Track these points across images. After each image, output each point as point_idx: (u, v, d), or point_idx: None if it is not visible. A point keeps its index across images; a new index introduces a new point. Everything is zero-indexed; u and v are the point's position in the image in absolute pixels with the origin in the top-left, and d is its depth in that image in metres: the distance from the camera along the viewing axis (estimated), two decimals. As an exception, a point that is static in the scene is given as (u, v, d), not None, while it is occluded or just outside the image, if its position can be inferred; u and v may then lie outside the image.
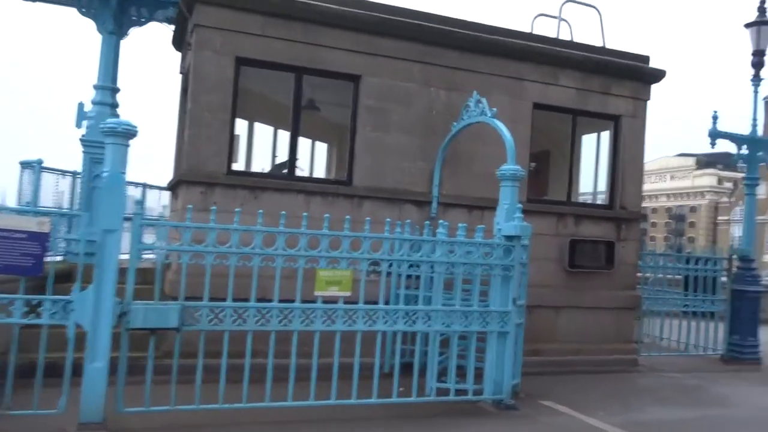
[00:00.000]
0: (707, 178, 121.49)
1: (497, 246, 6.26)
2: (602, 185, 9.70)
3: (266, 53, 7.42)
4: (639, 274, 9.86)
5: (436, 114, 8.22)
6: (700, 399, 7.56)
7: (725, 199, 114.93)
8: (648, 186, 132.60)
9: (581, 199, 10.29)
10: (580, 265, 8.84)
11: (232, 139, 7.35)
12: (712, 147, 10.25)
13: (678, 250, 9.92)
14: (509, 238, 6.29)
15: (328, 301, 5.63)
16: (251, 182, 7.35)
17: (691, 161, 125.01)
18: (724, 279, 10.43)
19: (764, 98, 10.40)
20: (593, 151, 9.91)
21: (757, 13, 10.66)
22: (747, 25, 10.71)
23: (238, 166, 7.73)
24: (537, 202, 8.87)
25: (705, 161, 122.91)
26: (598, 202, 9.70)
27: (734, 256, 10.44)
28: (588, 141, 10.16)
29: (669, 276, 10.38)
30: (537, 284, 8.46)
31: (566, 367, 8.60)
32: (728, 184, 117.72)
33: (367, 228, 5.87)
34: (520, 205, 6.36)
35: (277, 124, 9.46)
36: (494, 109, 7.03)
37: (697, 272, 10.21)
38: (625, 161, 9.32)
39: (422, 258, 5.96)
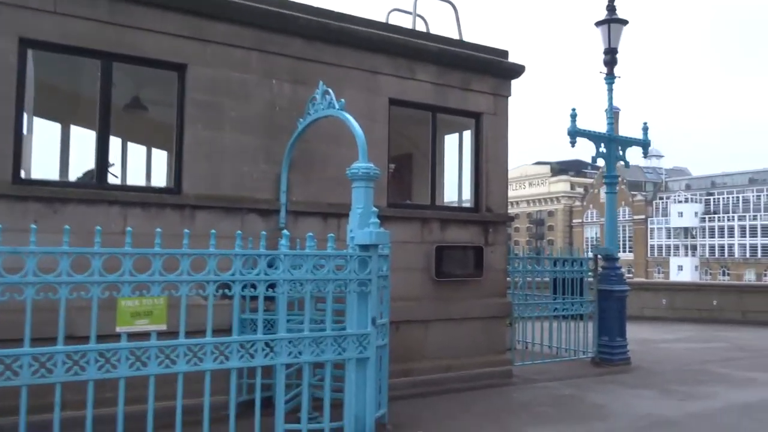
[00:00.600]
0: (561, 184, 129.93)
1: (351, 258, 5.31)
2: (467, 188, 9.11)
3: (62, 35, 6.01)
4: (508, 279, 9.38)
5: (281, 110, 7.18)
6: (577, 412, 7.03)
7: (578, 203, 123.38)
8: (510, 193, 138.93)
9: (447, 203, 9.66)
10: (448, 274, 8.14)
11: (19, 139, 5.85)
12: (572, 146, 10.04)
13: (538, 253, 9.51)
14: (364, 247, 5.36)
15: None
16: (48, 192, 5.89)
17: (547, 169, 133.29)
18: (591, 279, 10.22)
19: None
20: (456, 152, 9.33)
21: (606, 12, 10.65)
22: (597, 24, 10.68)
23: (32, 173, 6.22)
24: (399, 207, 8.08)
25: (558, 168, 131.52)
26: (465, 205, 9.09)
27: (599, 256, 10.26)
28: (451, 141, 9.58)
29: (537, 279, 10.02)
30: (403, 297, 7.67)
31: (438, 386, 7.83)
32: (580, 189, 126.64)
33: (185, 243, 4.69)
34: (375, 209, 5.46)
35: (86, 123, 7.98)
36: (342, 100, 6.10)
37: (564, 274, 9.91)
38: (489, 161, 8.79)
39: (259, 276, 4.87)
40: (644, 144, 10.84)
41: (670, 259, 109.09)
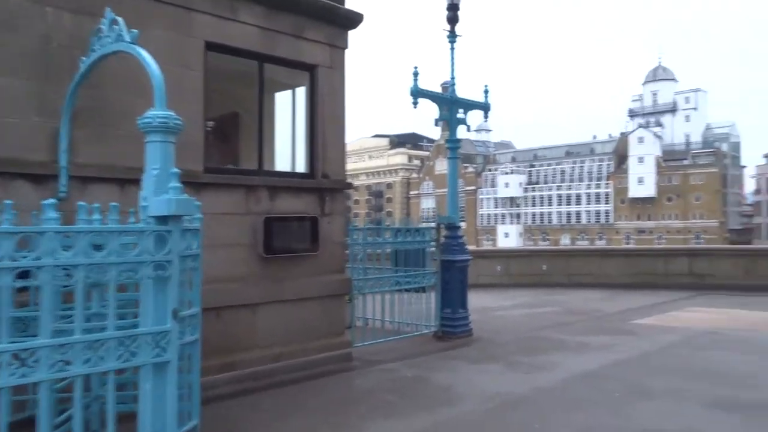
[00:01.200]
0: (399, 157, 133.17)
1: (144, 233, 4.07)
2: (302, 152, 8.06)
3: None
4: (347, 252, 8.55)
5: (60, 48, 5.61)
6: (422, 397, 6.37)
7: (415, 175, 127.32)
8: (350, 165, 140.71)
9: (279, 168, 8.55)
10: (279, 249, 7.08)
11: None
12: (414, 107, 9.36)
13: (377, 224, 8.72)
14: (162, 219, 4.13)
15: None
16: None
17: (386, 141, 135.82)
18: (433, 250, 9.70)
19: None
20: (290, 112, 8.22)
21: (448, -34, 10.03)
22: (439, -21, 10.04)
23: None
24: (219, 173, 6.83)
25: (397, 141, 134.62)
26: (298, 170, 8.03)
27: (442, 225, 9.76)
28: (284, 100, 8.45)
29: (379, 251, 9.30)
30: (226, 278, 6.53)
31: (269, 379, 6.83)
32: (417, 162, 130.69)
33: None
34: (176, 171, 4.24)
35: None
36: (135, 31, 4.75)
37: (407, 245, 9.28)
38: (325, 120, 7.80)
39: (3, 263, 3.49)
40: (485, 107, 10.47)
41: (497, 227, 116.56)
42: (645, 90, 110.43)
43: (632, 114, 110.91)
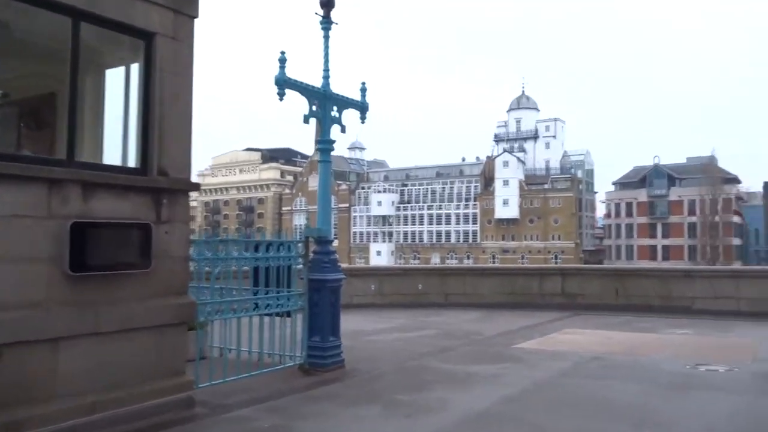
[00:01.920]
0: (272, 172, 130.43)
1: None
2: (135, 141, 6.38)
3: None
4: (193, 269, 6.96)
5: None
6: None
7: (288, 191, 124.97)
8: (220, 179, 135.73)
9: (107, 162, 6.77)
10: (93, 266, 5.37)
11: None
12: (281, 98, 7.95)
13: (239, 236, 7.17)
14: None
15: None
16: None
17: (257, 155, 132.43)
18: (301, 267, 8.29)
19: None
20: (122, 92, 6.51)
21: (323, -55, 8.77)
22: (313, -42, 8.75)
23: None
24: (7, 160, 5.04)
25: (269, 156, 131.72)
26: (129, 165, 6.33)
27: (311, 238, 8.38)
28: (117, 78, 6.72)
29: (238, 268, 7.74)
30: (12, 304, 4.76)
31: (76, 440, 5.08)
32: (290, 177, 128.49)
33: None
34: None
35: None
36: None
37: (269, 261, 7.80)
38: (165, 103, 6.19)
39: None
40: (362, 107, 9.27)
41: (370, 245, 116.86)
42: (510, 117, 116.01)
43: (498, 139, 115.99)
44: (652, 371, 8.14)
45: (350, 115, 9.19)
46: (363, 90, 9.33)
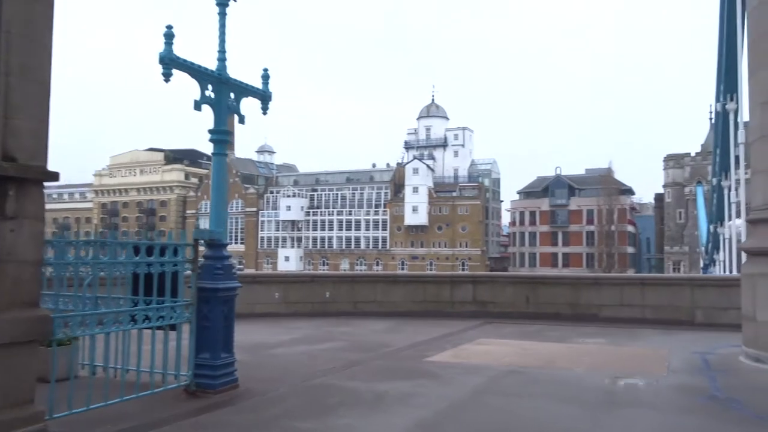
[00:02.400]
0: (175, 173, 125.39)
1: None
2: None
3: None
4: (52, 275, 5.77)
5: None
6: None
7: (192, 193, 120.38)
8: (119, 180, 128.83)
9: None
10: None
11: None
12: (166, 79, 6.82)
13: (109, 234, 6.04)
14: None
15: None
16: None
17: (161, 156, 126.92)
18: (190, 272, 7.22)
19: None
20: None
21: None
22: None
23: None
24: None
25: (173, 157, 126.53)
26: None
27: (201, 241, 7.33)
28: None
29: (112, 274, 6.59)
30: None
31: None
32: (195, 180, 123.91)
33: None
34: None
35: None
36: None
37: (151, 267, 6.69)
38: (12, 73, 5.02)
39: None
40: (264, 96, 8.30)
41: (278, 250, 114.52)
42: (420, 124, 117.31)
43: (408, 146, 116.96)
44: (573, 387, 7.66)
45: (252, 109, 8.22)
46: (265, 77, 8.38)
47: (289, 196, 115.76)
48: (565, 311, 15.40)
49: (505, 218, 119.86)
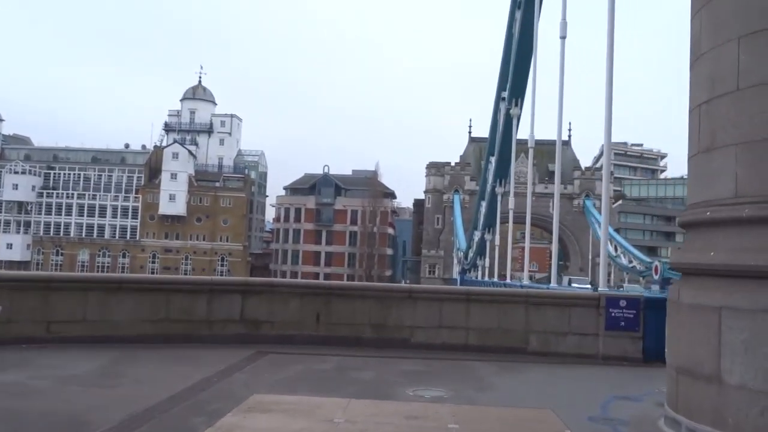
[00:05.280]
0: None
1: None
2: None
3: None
4: None
5: None
6: None
7: None
8: None
9: None
10: None
11: None
12: None
13: None
14: None
15: None
16: None
17: None
18: None
19: None
20: None
21: None
22: None
23: None
24: None
25: None
26: None
27: None
28: None
29: None
30: None
31: None
32: None
33: None
34: None
35: None
36: None
37: None
38: None
39: None
40: None
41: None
42: (183, 106, 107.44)
43: (168, 128, 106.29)
44: None
45: None
46: None
47: (17, 173, 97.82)
48: (368, 334, 11.23)
49: (270, 213, 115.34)
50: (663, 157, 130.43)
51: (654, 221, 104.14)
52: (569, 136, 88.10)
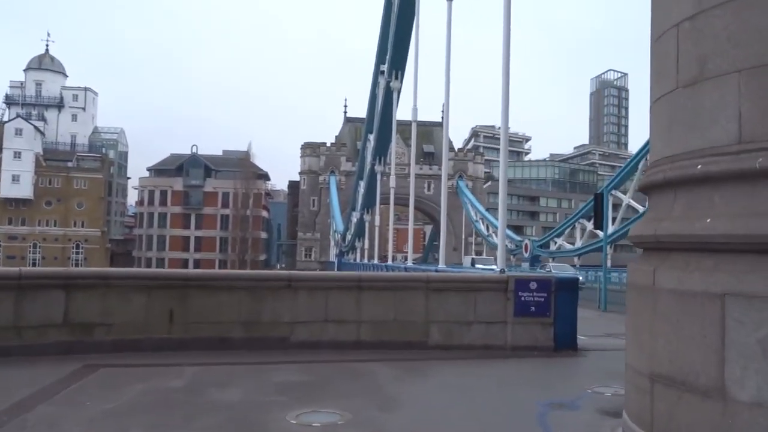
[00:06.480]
0: None
1: None
2: None
3: None
4: None
5: None
6: None
7: None
8: None
9: None
10: None
11: None
12: None
13: None
14: None
15: None
16: None
17: None
18: None
19: None
20: None
21: None
22: None
23: None
24: None
25: None
26: None
27: None
28: None
29: None
30: None
31: None
32: None
33: None
34: None
35: None
36: None
37: None
38: None
39: None
40: None
41: None
42: (28, 77, 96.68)
43: (10, 101, 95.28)
44: None
45: None
46: None
47: None
48: (238, 334, 9.01)
49: (132, 196, 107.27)
50: (528, 140, 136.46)
51: (520, 201, 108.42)
52: (442, 118, 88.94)
